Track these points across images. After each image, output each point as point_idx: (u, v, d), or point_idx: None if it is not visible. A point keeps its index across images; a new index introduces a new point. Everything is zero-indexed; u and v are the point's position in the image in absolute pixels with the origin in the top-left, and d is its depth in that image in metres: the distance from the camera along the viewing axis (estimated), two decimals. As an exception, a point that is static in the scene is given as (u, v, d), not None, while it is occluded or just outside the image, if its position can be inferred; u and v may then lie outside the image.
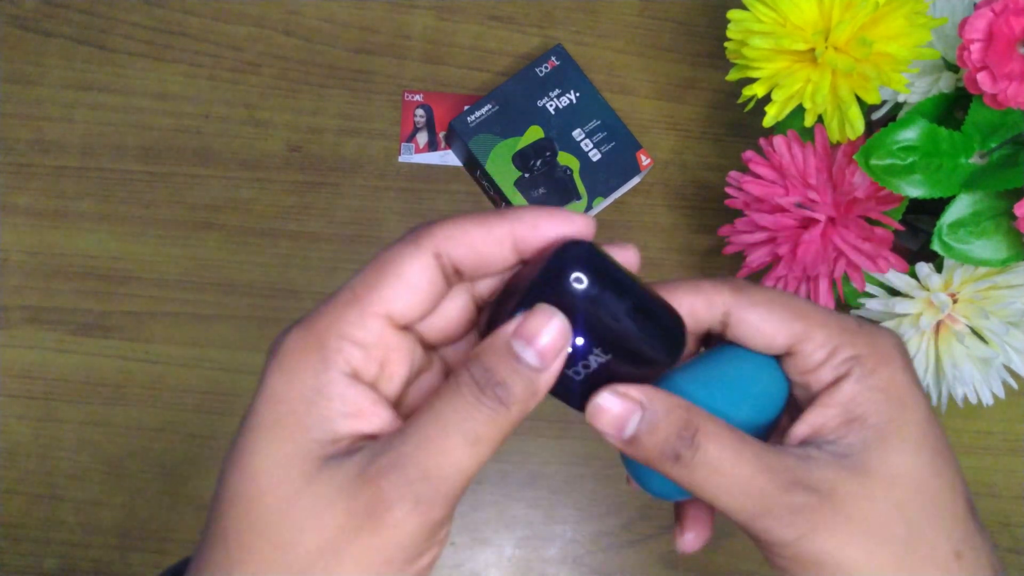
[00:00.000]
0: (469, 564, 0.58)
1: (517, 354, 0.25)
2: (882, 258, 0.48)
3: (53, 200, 0.60)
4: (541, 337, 0.25)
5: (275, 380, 0.25)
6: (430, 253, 0.26)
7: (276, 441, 0.24)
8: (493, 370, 0.25)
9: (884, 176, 0.45)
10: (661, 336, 0.28)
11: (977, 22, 0.42)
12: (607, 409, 0.27)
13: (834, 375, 0.29)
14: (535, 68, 0.61)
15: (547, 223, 0.26)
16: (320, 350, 0.25)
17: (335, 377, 0.25)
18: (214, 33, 0.63)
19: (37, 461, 0.57)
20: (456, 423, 0.24)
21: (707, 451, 0.27)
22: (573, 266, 0.26)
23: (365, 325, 0.25)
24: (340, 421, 0.25)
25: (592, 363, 0.27)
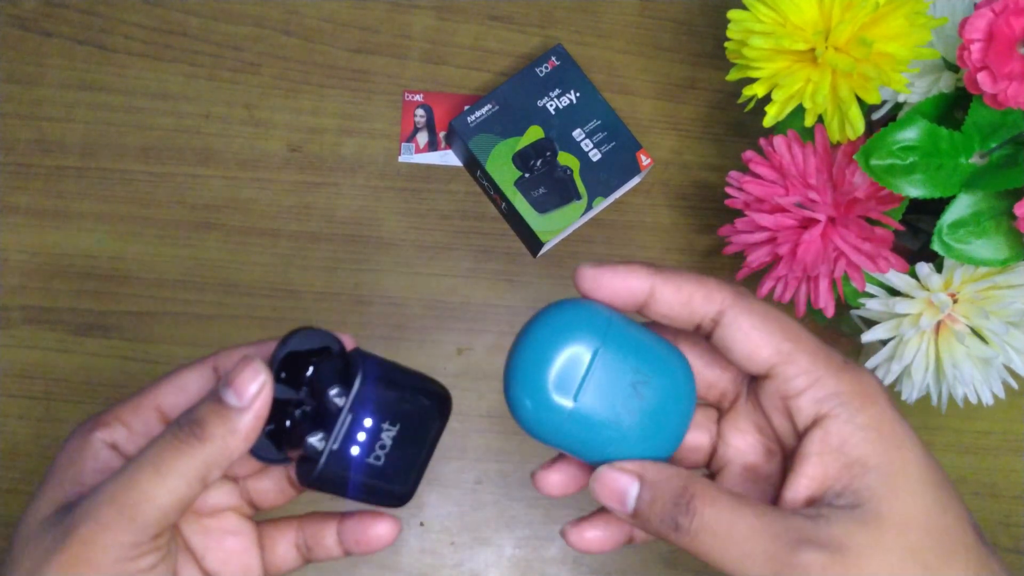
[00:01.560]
0: (469, 564, 0.58)
1: (219, 396, 0.28)
2: (882, 258, 0.48)
3: (53, 200, 0.60)
4: (239, 377, 0.28)
5: (59, 450, 0.31)
6: (210, 367, 0.31)
7: (37, 497, 0.30)
8: (194, 412, 0.28)
9: (884, 176, 0.45)
10: (431, 394, 0.31)
11: (977, 22, 0.42)
12: (606, 484, 0.29)
13: (816, 411, 0.28)
14: (535, 68, 0.61)
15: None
16: (92, 423, 0.30)
17: (92, 441, 0.30)
18: (214, 33, 0.63)
19: (37, 461, 0.57)
20: (148, 460, 0.27)
21: (704, 517, 0.27)
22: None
23: (137, 412, 0.30)
24: (89, 475, 0.29)
25: (386, 441, 0.30)
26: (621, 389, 0.28)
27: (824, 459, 0.28)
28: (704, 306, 0.29)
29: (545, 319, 0.29)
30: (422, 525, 0.58)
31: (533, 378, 0.28)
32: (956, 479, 0.61)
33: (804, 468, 0.28)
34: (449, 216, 0.62)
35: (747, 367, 0.30)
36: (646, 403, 0.29)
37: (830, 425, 0.28)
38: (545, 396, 0.28)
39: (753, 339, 0.29)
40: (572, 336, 0.28)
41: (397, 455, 0.30)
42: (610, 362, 0.28)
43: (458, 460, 0.59)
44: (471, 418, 0.60)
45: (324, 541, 0.33)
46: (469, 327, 0.61)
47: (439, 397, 0.31)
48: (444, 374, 0.60)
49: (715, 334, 0.30)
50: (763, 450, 0.31)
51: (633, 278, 0.29)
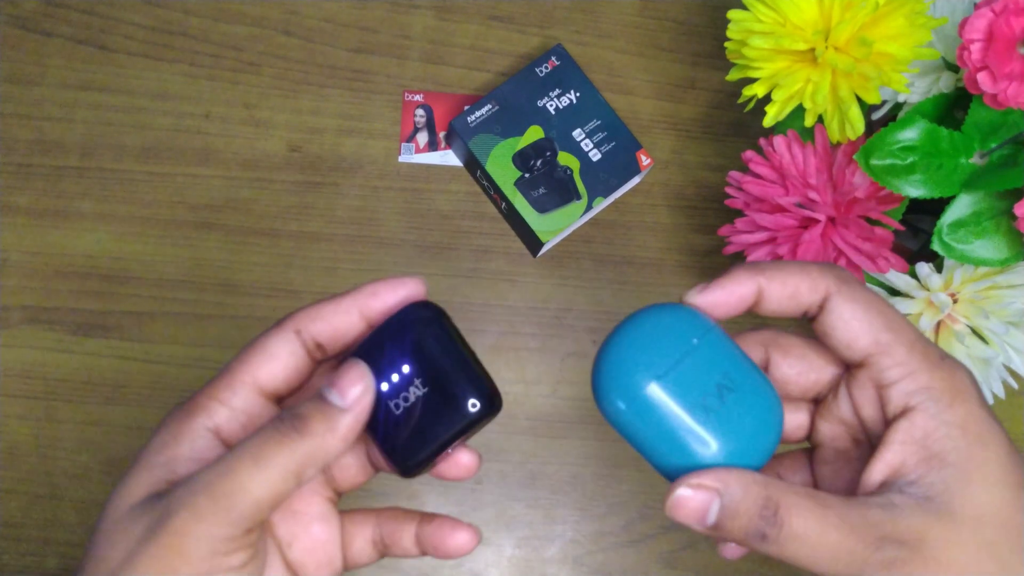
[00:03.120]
0: (469, 564, 0.58)
1: (323, 395, 0.28)
2: (882, 258, 0.48)
3: (53, 200, 0.60)
4: (344, 379, 0.29)
5: (153, 434, 0.30)
6: (291, 331, 0.31)
7: (129, 479, 0.28)
8: (298, 408, 0.28)
9: (884, 176, 0.45)
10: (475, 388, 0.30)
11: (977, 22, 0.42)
12: (685, 502, 0.28)
13: (905, 402, 0.29)
14: (535, 68, 0.61)
15: (384, 289, 0.31)
16: (191, 408, 0.30)
17: (192, 426, 0.29)
18: (214, 33, 0.63)
19: (37, 461, 0.57)
20: (249, 451, 0.27)
21: (791, 526, 0.27)
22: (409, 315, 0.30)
23: (233, 389, 0.30)
24: (183, 463, 0.28)
25: (411, 396, 0.30)
26: (705, 387, 0.29)
27: (905, 448, 0.28)
28: (810, 295, 0.30)
29: (646, 313, 0.30)
30: (422, 525, 0.58)
31: (621, 362, 0.29)
32: (956, 479, 0.61)
33: (884, 454, 0.29)
34: (449, 216, 0.62)
35: (845, 354, 0.30)
36: (730, 410, 0.29)
37: (916, 418, 0.28)
38: (630, 379, 0.28)
39: (853, 328, 0.29)
40: (669, 329, 0.29)
41: (415, 418, 0.30)
42: (700, 360, 0.29)
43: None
44: (471, 418, 0.59)
45: (402, 540, 0.33)
46: (469, 327, 0.61)
47: (483, 393, 0.31)
48: (444, 374, 0.60)
49: (818, 319, 0.30)
50: (850, 439, 0.32)
51: (740, 287, 0.30)
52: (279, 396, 0.31)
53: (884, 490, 0.28)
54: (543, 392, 0.60)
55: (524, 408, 0.60)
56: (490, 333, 0.61)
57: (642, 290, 0.62)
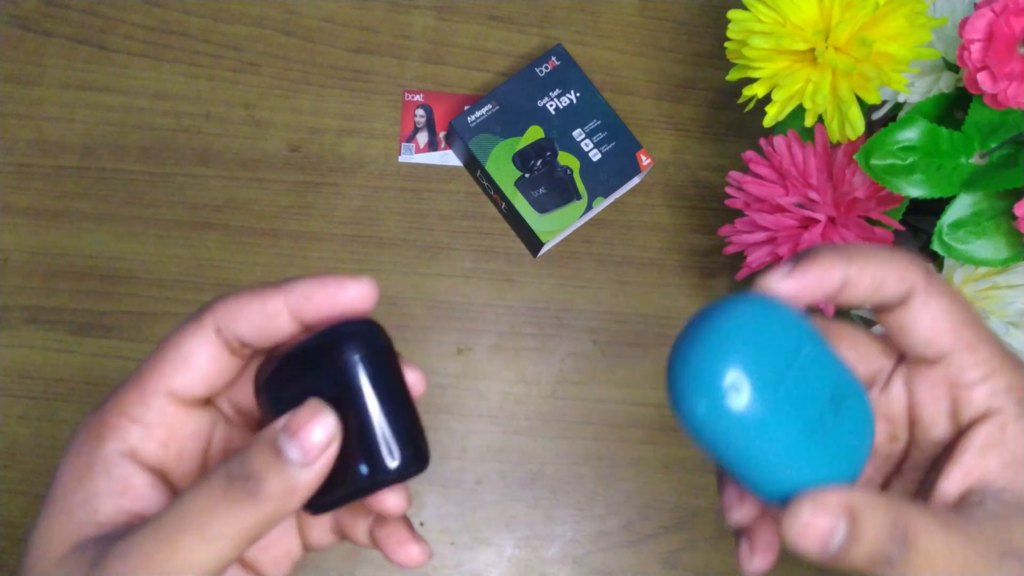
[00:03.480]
0: (469, 564, 0.58)
1: (279, 448, 0.24)
2: (882, 258, 0.48)
3: (53, 200, 0.60)
4: (306, 431, 0.24)
5: (62, 459, 0.26)
6: (211, 329, 0.26)
7: (46, 519, 0.26)
8: (248, 463, 0.24)
9: (884, 176, 0.45)
10: (401, 442, 0.26)
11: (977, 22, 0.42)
12: (810, 525, 0.24)
13: (988, 404, 0.27)
14: (535, 68, 0.61)
15: (319, 293, 0.26)
16: (99, 427, 0.26)
17: (106, 455, 0.26)
18: (214, 33, 0.63)
19: (37, 461, 0.57)
20: (193, 517, 0.24)
21: (919, 548, 0.25)
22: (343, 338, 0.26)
23: (146, 403, 0.26)
24: (104, 499, 0.25)
25: None
26: (819, 400, 0.25)
27: (986, 453, 0.27)
28: (896, 287, 0.27)
29: (737, 304, 0.25)
30: (422, 525, 0.58)
31: (714, 358, 0.24)
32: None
33: (962, 459, 0.27)
34: (449, 216, 0.62)
35: (921, 350, 0.28)
36: (841, 422, 0.26)
37: (1000, 419, 0.27)
38: (724, 379, 0.23)
39: (937, 325, 0.27)
40: (769, 327, 0.25)
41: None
42: (810, 369, 0.25)
43: (458, 460, 0.59)
44: (471, 418, 0.60)
45: (356, 532, 0.31)
46: (469, 327, 0.61)
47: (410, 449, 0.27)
48: (444, 374, 0.60)
49: (896, 313, 0.28)
50: (886, 435, 0.31)
51: (828, 274, 0.27)
52: (201, 400, 0.28)
53: (972, 500, 0.26)
54: (543, 392, 0.60)
55: (524, 408, 0.60)
56: (490, 333, 0.61)
57: (642, 290, 0.62)
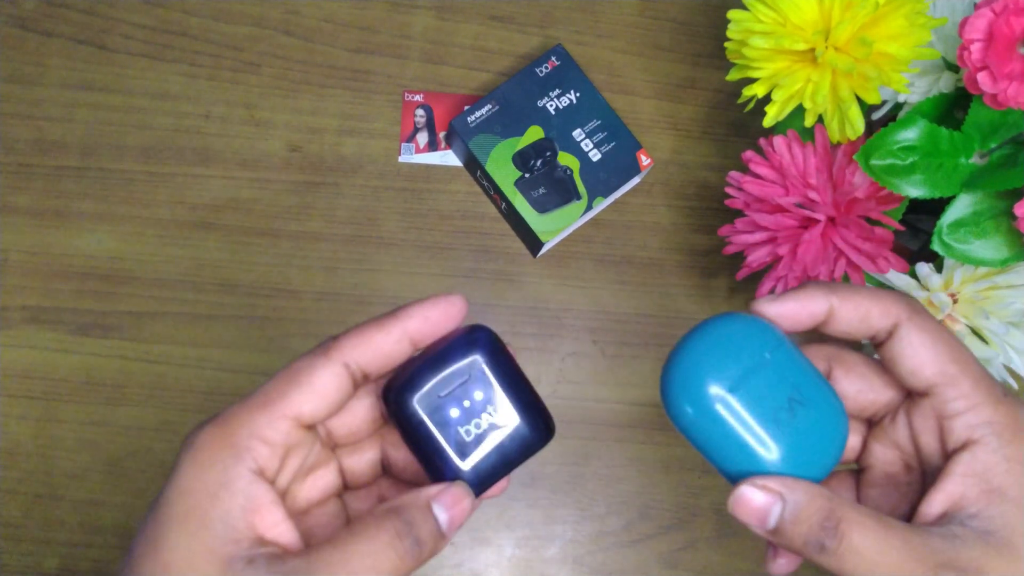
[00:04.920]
0: (469, 564, 0.58)
1: (435, 515, 0.29)
2: (882, 258, 0.48)
3: (53, 200, 0.60)
4: (456, 508, 0.29)
5: (187, 472, 0.28)
6: (339, 363, 0.29)
7: (183, 535, 0.27)
8: (414, 524, 0.28)
9: (884, 176, 0.45)
10: (538, 416, 0.32)
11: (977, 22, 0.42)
12: (748, 500, 0.28)
13: (967, 435, 0.29)
14: (535, 68, 0.61)
15: (435, 313, 0.30)
16: (232, 447, 0.28)
17: (242, 472, 0.28)
18: (214, 33, 0.63)
19: (37, 461, 0.57)
20: (365, 566, 0.27)
21: (852, 540, 0.27)
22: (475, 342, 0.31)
23: (275, 426, 0.28)
24: (239, 516, 0.27)
25: (483, 423, 0.31)
26: (777, 400, 0.29)
27: (965, 480, 0.29)
28: (881, 320, 0.30)
29: (718, 322, 0.30)
30: (422, 525, 0.58)
31: (693, 368, 0.29)
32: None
33: (944, 485, 0.29)
34: (449, 216, 0.62)
35: (910, 382, 0.31)
36: (799, 423, 0.29)
37: (978, 451, 0.29)
38: (702, 387, 0.29)
39: (922, 356, 0.30)
40: (742, 339, 0.29)
41: (486, 445, 0.31)
42: (772, 372, 0.29)
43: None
44: (471, 418, 0.59)
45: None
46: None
47: (546, 421, 0.32)
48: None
49: (885, 345, 0.31)
50: (902, 464, 0.33)
51: (813, 303, 0.30)
52: (316, 424, 0.30)
53: (944, 521, 0.28)
54: (543, 392, 0.60)
55: (524, 408, 0.60)
56: (490, 333, 0.61)
57: (642, 290, 0.62)
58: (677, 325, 0.62)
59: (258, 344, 0.59)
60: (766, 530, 0.28)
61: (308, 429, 0.30)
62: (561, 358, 0.61)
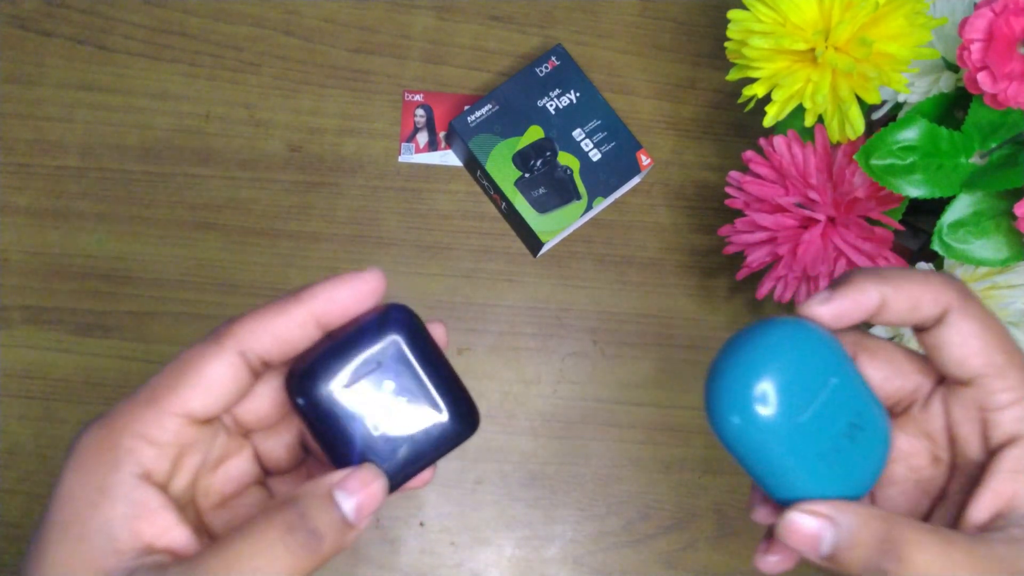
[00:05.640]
0: (469, 564, 0.58)
1: (337, 503, 0.26)
2: (882, 258, 0.48)
3: (53, 200, 0.60)
4: (362, 493, 0.26)
5: (68, 477, 0.26)
6: (234, 352, 0.27)
7: (61, 547, 0.25)
8: (309, 516, 0.25)
9: (884, 176, 0.45)
10: (460, 404, 0.29)
11: (977, 22, 0.42)
12: (799, 527, 0.27)
13: (1016, 429, 0.28)
14: (535, 68, 0.61)
15: (342, 293, 0.27)
16: (113, 449, 0.26)
17: (123, 478, 0.25)
18: (214, 33, 0.63)
19: (37, 461, 0.57)
20: (251, 569, 0.24)
21: (914, 561, 0.26)
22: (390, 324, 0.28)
23: (162, 425, 0.26)
24: (122, 525, 0.25)
25: (395, 414, 0.28)
26: (838, 426, 0.27)
27: (1016, 477, 0.27)
28: (931, 308, 0.29)
29: (773, 327, 0.28)
30: (422, 525, 0.58)
31: (747, 376, 0.27)
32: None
33: (992, 483, 0.28)
34: (449, 216, 0.62)
35: (953, 371, 0.29)
36: (856, 447, 0.28)
37: None
38: (754, 397, 0.27)
39: (970, 345, 0.28)
40: (802, 354, 0.27)
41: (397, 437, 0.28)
42: (836, 396, 0.27)
43: (458, 460, 0.59)
44: (471, 418, 0.59)
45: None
46: (469, 327, 0.61)
47: (468, 412, 0.29)
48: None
49: (931, 331, 0.29)
50: (929, 456, 0.31)
51: (866, 298, 0.28)
52: (211, 419, 0.28)
53: (999, 524, 0.27)
54: (543, 392, 0.60)
55: (524, 408, 0.60)
56: (490, 333, 0.61)
57: (642, 290, 0.62)
58: (677, 325, 0.62)
59: (258, 344, 0.59)
60: (820, 557, 0.27)
61: (204, 424, 0.28)
62: (561, 358, 0.61)
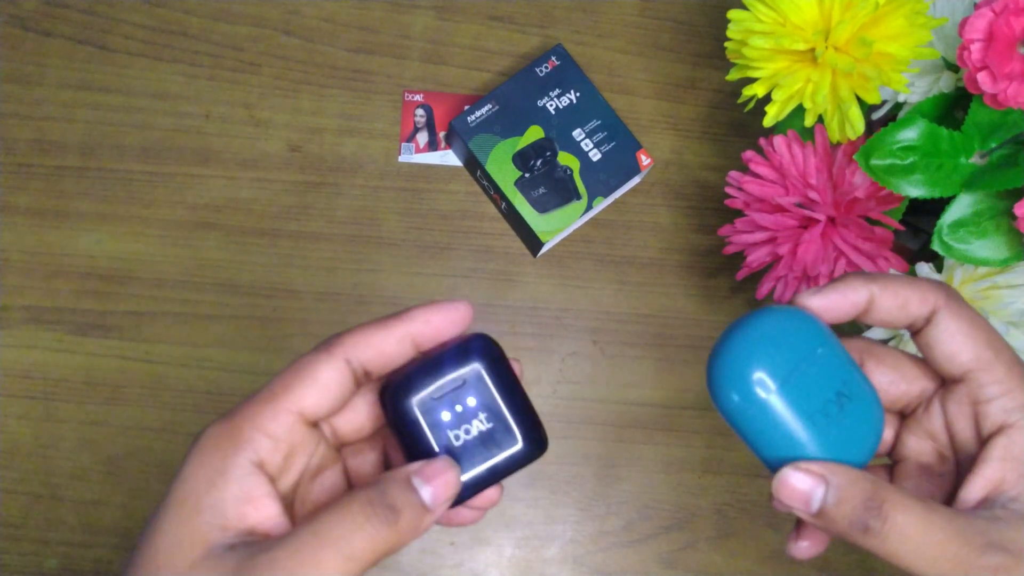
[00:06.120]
0: (469, 564, 0.58)
1: (415, 488, 0.28)
2: (882, 258, 0.48)
3: (53, 200, 0.60)
4: (438, 480, 0.28)
5: (190, 462, 0.28)
6: (341, 359, 0.30)
7: (175, 521, 0.27)
8: (388, 493, 0.28)
9: (884, 176, 0.45)
10: (531, 430, 0.31)
11: (977, 22, 0.42)
12: (791, 484, 0.29)
13: (1003, 419, 0.30)
14: (535, 68, 0.61)
15: (437, 317, 0.31)
16: (233, 438, 0.28)
17: (240, 462, 0.28)
18: (214, 33, 0.63)
19: (37, 461, 0.57)
20: (334, 537, 0.26)
21: (896, 521, 0.28)
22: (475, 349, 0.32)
23: (277, 419, 0.29)
24: (231, 505, 0.27)
25: (473, 429, 0.31)
26: (825, 393, 0.30)
27: (1004, 464, 0.29)
28: (919, 308, 0.31)
29: (767, 314, 0.30)
30: (422, 525, 0.58)
31: (743, 357, 0.29)
32: (956, 479, 0.61)
33: (983, 470, 0.29)
34: (449, 216, 0.62)
35: (945, 367, 0.31)
36: (844, 416, 0.30)
37: (1014, 434, 0.29)
38: (750, 375, 0.29)
39: (958, 342, 0.30)
40: (792, 333, 0.30)
41: (475, 451, 0.31)
42: (823, 366, 0.30)
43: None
44: (471, 418, 0.60)
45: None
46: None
47: (539, 435, 0.31)
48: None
49: (922, 332, 0.31)
50: (936, 454, 0.33)
51: (854, 293, 0.31)
52: (319, 421, 0.31)
53: (986, 506, 0.29)
54: (543, 392, 0.60)
55: (524, 408, 0.60)
56: (490, 333, 0.61)
57: (642, 290, 0.62)
58: (677, 325, 0.62)
59: (258, 344, 0.59)
60: (810, 513, 0.29)
61: (312, 427, 0.30)
62: (561, 358, 0.61)
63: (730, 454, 0.60)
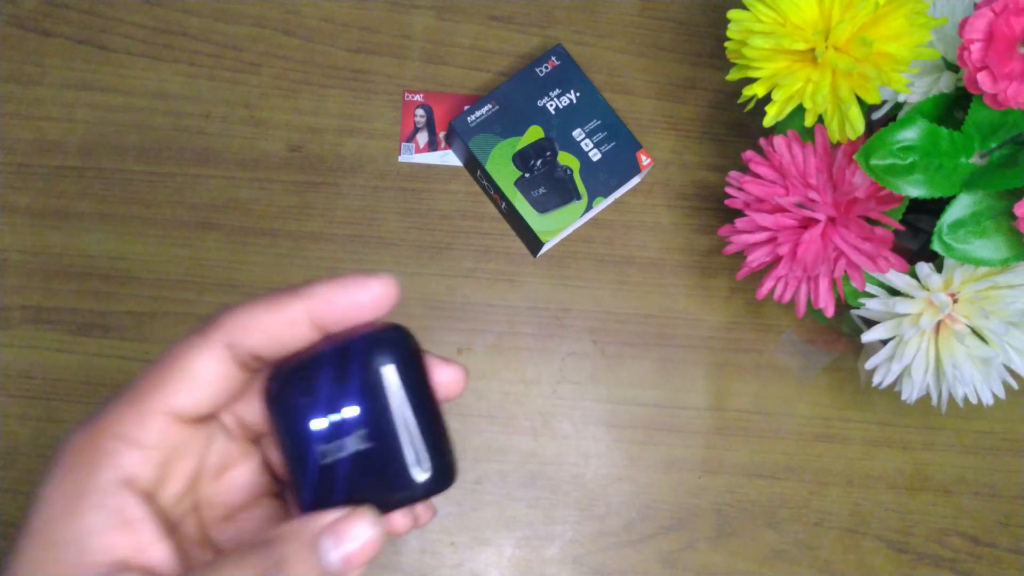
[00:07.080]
0: (469, 564, 0.58)
1: (321, 554, 0.23)
2: (882, 258, 0.48)
3: (53, 200, 0.60)
4: (354, 544, 0.23)
5: (46, 484, 0.24)
6: (221, 345, 0.24)
7: (37, 552, 0.23)
8: (286, 563, 0.22)
9: (884, 176, 0.45)
10: (429, 456, 0.25)
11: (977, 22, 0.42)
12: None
13: None
14: (535, 68, 0.61)
15: (341, 295, 0.25)
16: (92, 452, 0.24)
17: (100, 482, 0.23)
18: (214, 33, 0.63)
19: (37, 461, 0.57)
20: None
21: None
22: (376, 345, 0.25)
23: (144, 424, 0.24)
24: (97, 536, 0.23)
25: (348, 447, 0.25)
26: None
27: None
28: None
29: None
30: (422, 525, 0.58)
31: None
32: (956, 479, 0.61)
33: None
34: (449, 216, 0.62)
35: None
36: None
37: None
38: None
39: None
40: None
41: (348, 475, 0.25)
42: None
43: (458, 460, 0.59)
44: (471, 418, 0.60)
45: None
46: (469, 327, 0.61)
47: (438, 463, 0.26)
48: (444, 374, 0.60)
49: None
50: None
51: None
52: (202, 417, 0.26)
53: None
54: (543, 392, 0.60)
55: (524, 408, 0.60)
56: (490, 333, 0.61)
57: (642, 290, 0.62)
58: (677, 325, 0.62)
59: (258, 344, 0.59)
60: None
61: (198, 423, 0.26)
62: (561, 358, 0.61)
63: (730, 454, 0.60)
